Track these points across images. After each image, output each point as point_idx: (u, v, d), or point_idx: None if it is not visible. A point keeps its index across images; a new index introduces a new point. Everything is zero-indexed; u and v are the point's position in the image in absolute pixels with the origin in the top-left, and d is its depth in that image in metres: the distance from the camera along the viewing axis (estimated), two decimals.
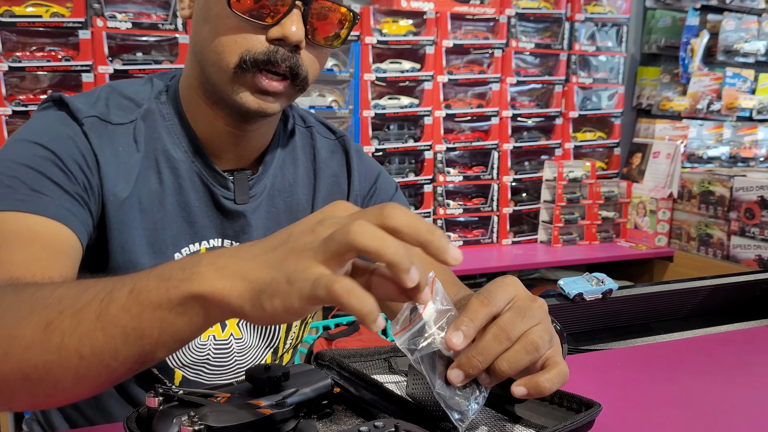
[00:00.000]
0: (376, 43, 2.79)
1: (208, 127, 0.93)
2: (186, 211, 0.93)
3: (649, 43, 3.43)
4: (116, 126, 0.90)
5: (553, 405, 0.77)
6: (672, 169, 3.08)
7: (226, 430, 0.60)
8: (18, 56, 2.33)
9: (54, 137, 0.85)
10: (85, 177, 0.85)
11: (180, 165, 0.93)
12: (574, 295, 1.08)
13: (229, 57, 0.83)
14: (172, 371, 0.96)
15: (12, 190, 0.79)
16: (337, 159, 1.07)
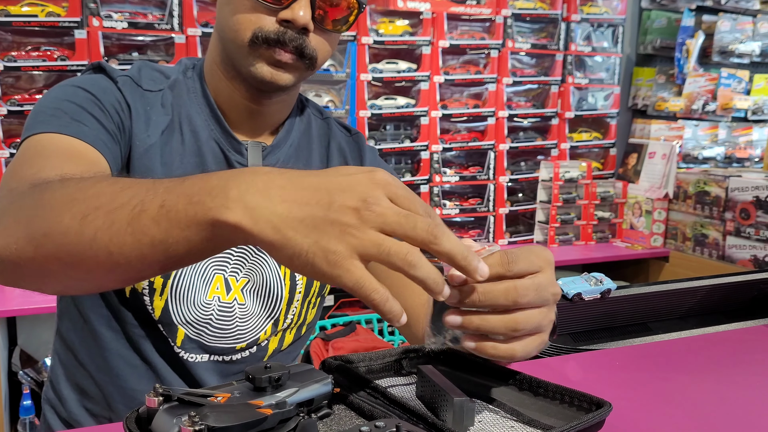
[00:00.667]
0: (372, 43, 2.79)
1: (227, 100, 1.01)
2: (202, 171, 0.96)
3: (645, 44, 3.44)
4: (146, 91, 0.99)
5: (563, 404, 0.77)
6: (668, 170, 3.09)
7: (227, 430, 0.60)
8: (13, 56, 2.33)
9: (93, 84, 0.94)
10: (120, 119, 0.94)
11: (200, 130, 1.00)
12: (573, 295, 1.08)
13: (244, 33, 0.92)
14: (175, 328, 0.99)
15: (56, 118, 0.87)
16: (351, 152, 1.13)
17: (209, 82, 1.02)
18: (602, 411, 0.73)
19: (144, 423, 0.64)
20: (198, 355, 1.02)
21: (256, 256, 1.03)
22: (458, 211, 3.04)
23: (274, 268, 1.05)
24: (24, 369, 2.36)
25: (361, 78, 2.78)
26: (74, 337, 1.03)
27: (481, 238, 3.10)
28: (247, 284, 1.03)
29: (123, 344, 1.00)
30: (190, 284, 0.99)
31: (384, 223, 0.57)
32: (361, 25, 2.77)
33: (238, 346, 1.03)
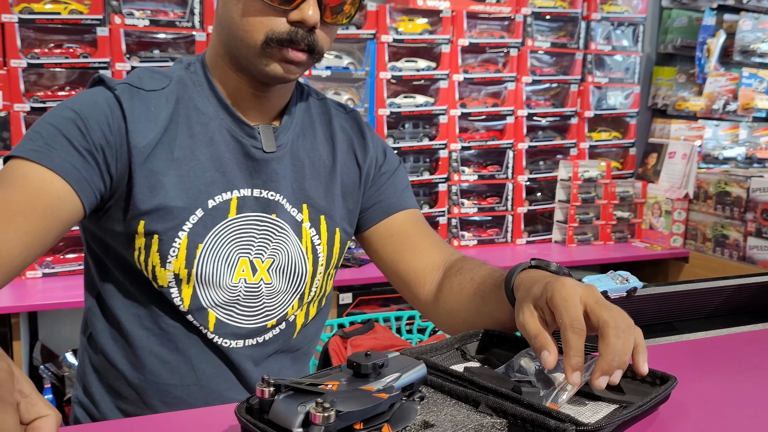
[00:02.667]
0: (391, 41, 2.79)
1: (234, 89, 1.04)
2: (218, 162, 1.01)
3: (665, 43, 3.42)
4: (149, 92, 1.00)
5: (625, 378, 0.84)
6: (688, 170, 3.06)
7: (354, 414, 0.65)
8: (36, 53, 2.35)
9: (84, 102, 0.96)
10: (104, 138, 0.94)
11: (210, 120, 1.02)
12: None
13: (256, 35, 0.95)
14: (206, 312, 1.02)
15: (31, 141, 0.92)
16: (351, 127, 1.17)
17: (214, 74, 1.04)
18: (669, 384, 0.81)
19: (257, 413, 0.68)
20: (232, 341, 1.04)
21: (279, 236, 1.05)
22: (476, 210, 3.04)
23: (297, 245, 1.07)
24: (45, 364, 2.38)
25: (380, 76, 2.78)
26: (106, 341, 1.05)
27: (499, 237, 3.09)
28: (272, 264, 1.05)
29: (155, 341, 1.02)
30: (214, 269, 1.01)
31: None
32: (381, 24, 2.77)
33: (269, 324, 1.06)
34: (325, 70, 2.71)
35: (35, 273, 2.39)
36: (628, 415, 0.74)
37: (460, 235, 3.02)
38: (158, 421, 0.81)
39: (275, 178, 1.05)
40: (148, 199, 0.96)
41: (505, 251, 3.03)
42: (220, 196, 1.01)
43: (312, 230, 1.08)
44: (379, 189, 1.17)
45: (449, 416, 0.73)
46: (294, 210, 1.07)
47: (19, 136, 2.32)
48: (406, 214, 1.17)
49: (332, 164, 1.12)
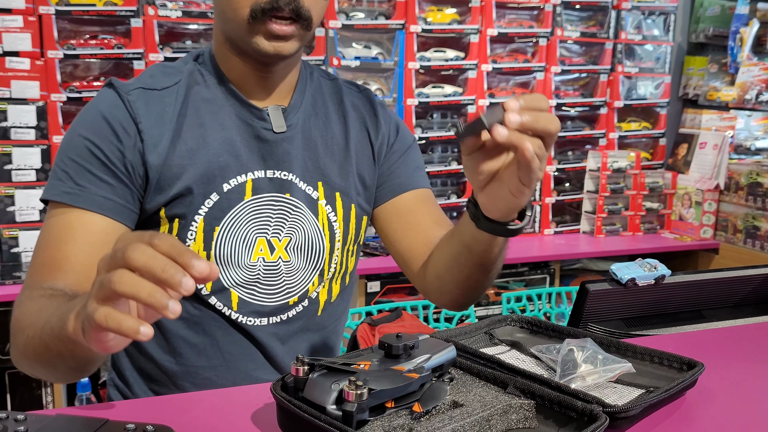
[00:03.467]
0: (420, 31, 2.80)
1: (239, 73, 1.06)
2: (230, 146, 1.05)
3: (697, 32, 3.38)
4: (163, 90, 1.04)
5: (654, 364, 0.86)
6: (719, 160, 3.03)
7: (385, 392, 0.68)
8: (72, 44, 2.40)
9: (92, 122, 1.01)
10: (121, 154, 1.00)
11: (219, 107, 1.06)
12: (627, 281, 1.08)
13: (242, 11, 0.97)
14: (228, 292, 1.05)
15: (62, 183, 0.99)
16: (363, 105, 1.18)
17: (220, 62, 1.07)
18: (696, 370, 0.81)
19: (291, 390, 0.72)
20: (256, 319, 1.07)
21: (294, 214, 1.08)
22: None
23: (314, 222, 1.09)
24: None
25: (408, 66, 2.79)
26: None
27: (527, 227, 3.09)
28: (290, 242, 1.08)
29: (182, 325, 1.05)
30: (232, 249, 1.04)
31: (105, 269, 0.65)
32: (410, 14, 2.78)
33: (291, 301, 1.09)
34: (354, 60, 2.73)
35: None
36: (654, 398, 0.75)
37: None
38: (197, 399, 0.84)
39: (287, 158, 1.07)
40: (166, 191, 1.01)
41: (533, 241, 3.03)
42: (234, 180, 1.04)
43: (328, 207, 1.10)
44: (390, 167, 1.18)
45: (478, 396, 0.75)
46: (309, 188, 1.09)
47: (56, 125, 2.38)
48: (415, 193, 1.18)
49: (345, 142, 1.13)
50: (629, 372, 0.83)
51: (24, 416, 0.68)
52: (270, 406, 0.77)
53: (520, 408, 0.73)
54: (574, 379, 0.80)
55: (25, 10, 2.32)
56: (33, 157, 2.37)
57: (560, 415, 0.72)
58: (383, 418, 0.69)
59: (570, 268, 3.11)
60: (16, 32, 2.31)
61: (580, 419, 0.70)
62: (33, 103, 2.35)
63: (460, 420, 0.69)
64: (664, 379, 0.83)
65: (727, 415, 0.81)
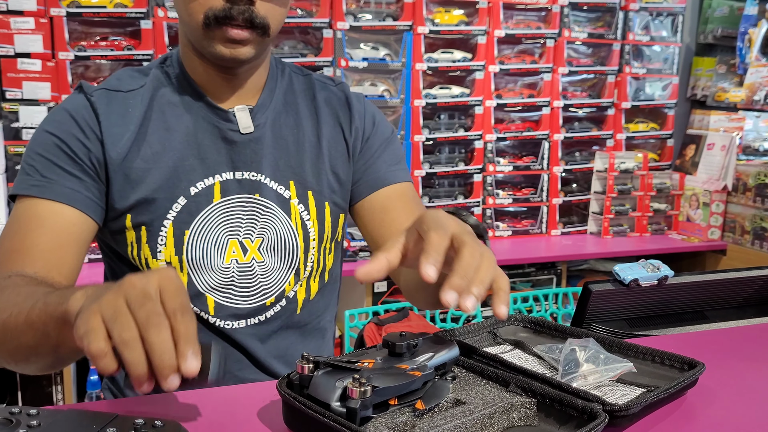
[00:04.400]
0: (428, 32, 2.81)
1: (204, 75, 1.07)
2: (197, 150, 1.05)
3: (705, 33, 3.37)
4: (127, 93, 1.06)
5: (655, 364, 0.87)
6: (727, 161, 3.03)
7: (389, 390, 0.69)
8: (83, 45, 2.42)
9: (59, 120, 1.03)
10: (87, 150, 1.02)
11: (185, 110, 1.06)
12: (630, 281, 1.09)
13: (197, 17, 0.98)
14: (204, 297, 1.05)
15: (29, 177, 1.00)
16: (337, 100, 1.17)
17: (186, 65, 1.08)
18: (697, 370, 0.83)
19: (297, 387, 0.73)
20: (234, 322, 1.07)
21: (265, 214, 1.08)
22: (511, 201, 3.05)
23: (286, 221, 1.09)
24: None
25: (416, 67, 2.81)
26: None
27: (534, 228, 3.10)
28: (262, 243, 1.08)
29: None
30: (204, 253, 1.05)
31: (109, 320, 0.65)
32: (417, 15, 2.79)
33: (267, 302, 1.09)
34: (362, 61, 2.75)
35: None
36: (654, 397, 0.76)
37: (495, 225, 3.04)
38: (205, 395, 0.85)
39: (255, 158, 1.07)
40: (130, 194, 1.02)
41: (540, 242, 3.04)
42: (201, 182, 1.05)
43: (300, 206, 1.10)
44: (366, 162, 1.16)
45: (480, 395, 0.77)
46: (281, 188, 1.09)
47: None
48: (393, 188, 1.16)
49: (317, 139, 1.13)
50: (630, 371, 0.84)
51: (36, 411, 0.70)
52: (275, 403, 0.79)
53: (521, 406, 0.75)
54: (576, 378, 0.81)
55: (36, 12, 2.35)
56: None
57: (561, 413, 0.73)
58: (386, 415, 0.71)
59: (577, 269, 3.12)
60: (27, 34, 2.34)
61: (581, 417, 0.71)
62: (44, 104, 2.38)
63: (462, 417, 0.71)
64: (664, 379, 0.83)
65: (727, 414, 0.82)
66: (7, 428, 0.66)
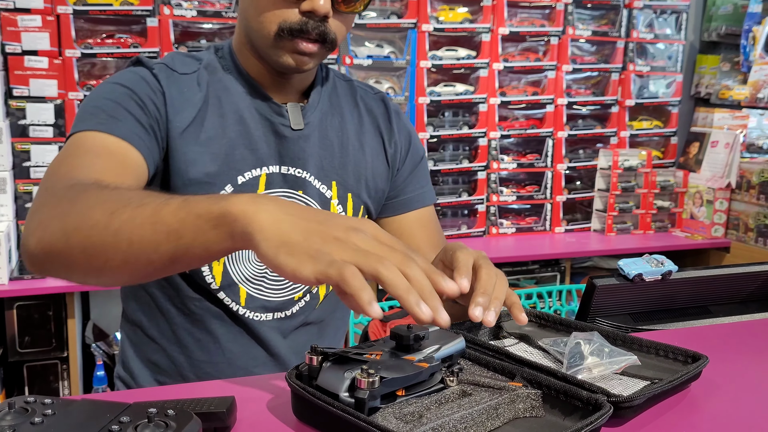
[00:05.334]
0: (432, 30, 2.82)
1: (258, 72, 1.08)
2: (248, 139, 1.06)
3: (709, 31, 3.38)
4: (181, 75, 1.05)
5: (659, 357, 0.89)
6: (730, 159, 3.04)
7: (396, 381, 0.70)
8: (90, 43, 2.44)
9: (131, 79, 1.02)
10: (156, 109, 1.00)
11: (240, 100, 1.07)
12: (634, 276, 1.10)
13: (270, 26, 0.98)
14: (237, 287, 1.07)
15: (94, 116, 0.96)
16: (377, 109, 1.19)
17: (239, 59, 1.08)
18: (700, 363, 0.84)
19: (306, 379, 0.74)
20: (262, 314, 1.09)
21: None
22: (515, 198, 3.06)
23: None
24: (96, 342, 2.48)
25: (420, 65, 2.82)
26: (142, 316, 1.11)
27: (538, 225, 3.11)
28: None
29: (186, 319, 1.08)
30: None
31: (373, 248, 0.66)
32: (422, 13, 2.80)
33: (296, 296, 1.11)
34: (367, 59, 2.76)
35: None
36: (658, 389, 0.77)
37: (499, 222, 3.05)
38: (216, 387, 0.86)
39: (303, 155, 1.08)
40: (184, 172, 1.02)
41: (544, 239, 3.04)
42: (249, 173, 1.05)
43: (339, 207, 1.12)
44: (403, 181, 1.20)
45: (486, 386, 0.78)
46: (323, 187, 1.11)
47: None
48: (420, 213, 1.21)
49: (360, 144, 1.15)
50: (635, 364, 0.85)
51: (51, 400, 0.71)
52: (285, 394, 0.80)
53: (526, 397, 0.76)
54: (581, 371, 0.82)
55: (43, 10, 2.36)
56: (51, 155, 2.41)
57: (566, 405, 0.74)
58: (394, 406, 0.72)
59: (581, 266, 3.12)
60: (34, 32, 2.35)
61: (585, 408, 0.72)
62: (51, 101, 2.40)
63: (469, 408, 0.72)
64: (668, 372, 0.84)
65: (730, 407, 0.83)
66: (23, 416, 0.67)
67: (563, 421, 0.73)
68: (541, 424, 0.73)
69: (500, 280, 0.83)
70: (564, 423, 0.73)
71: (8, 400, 0.68)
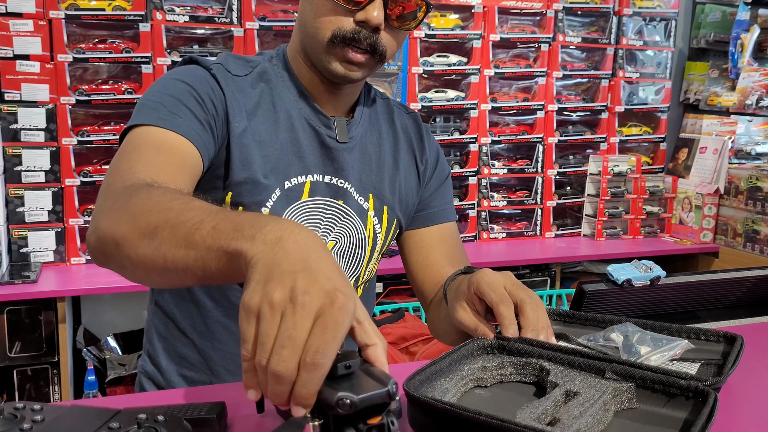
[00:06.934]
0: (423, 36, 2.83)
1: (310, 82, 1.11)
2: (296, 147, 1.09)
3: (698, 38, 3.40)
4: (235, 77, 1.08)
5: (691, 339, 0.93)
6: (719, 165, 3.06)
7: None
8: (82, 48, 2.44)
9: (191, 76, 1.04)
10: (215, 108, 1.02)
11: (291, 108, 1.10)
12: (623, 281, 1.11)
13: (324, 32, 1.02)
14: None
15: (155, 111, 0.97)
16: (411, 127, 1.24)
17: (294, 67, 1.12)
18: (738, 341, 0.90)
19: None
20: None
21: (344, 221, 1.12)
22: (506, 203, 3.07)
23: (361, 231, 1.14)
24: (87, 347, 2.47)
25: (412, 71, 2.83)
26: (175, 309, 1.12)
27: (528, 230, 3.12)
28: (335, 246, 1.12)
29: (222, 312, 1.09)
30: None
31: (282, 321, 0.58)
32: None
33: None
34: None
35: (79, 259, 2.49)
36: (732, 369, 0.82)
37: (490, 227, 3.06)
38: (223, 391, 0.87)
39: (345, 167, 1.12)
40: (240, 171, 1.04)
41: (534, 244, 3.06)
42: (295, 179, 1.08)
43: (375, 219, 1.16)
44: (429, 196, 1.24)
45: (585, 384, 0.78)
46: (361, 199, 1.14)
47: (65, 127, 2.42)
48: (442, 228, 1.24)
49: (395, 160, 1.19)
50: (688, 348, 0.88)
51: (40, 407, 0.71)
52: None
53: (624, 391, 0.77)
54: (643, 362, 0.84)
55: (35, 15, 2.36)
56: (42, 159, 2.41)
57: (662, 393, 0.76)
58: (524, 410, 0.71)
59: (571, 271, 3.14)
60: (26, 36, 2.35)
61: (684, 395, 0.75)
62: (43, 105, 2.39)
63: (589, 407, 0.73)
64: (710, 353, 0.89)
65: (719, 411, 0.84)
66: (12, 423, 0.67)
67: (662, 409, 0.75)
68: (643, 415, 0.75)
69: (540, 310, 0.91)
70: (663, 411, 0.75)
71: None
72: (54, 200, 2.44)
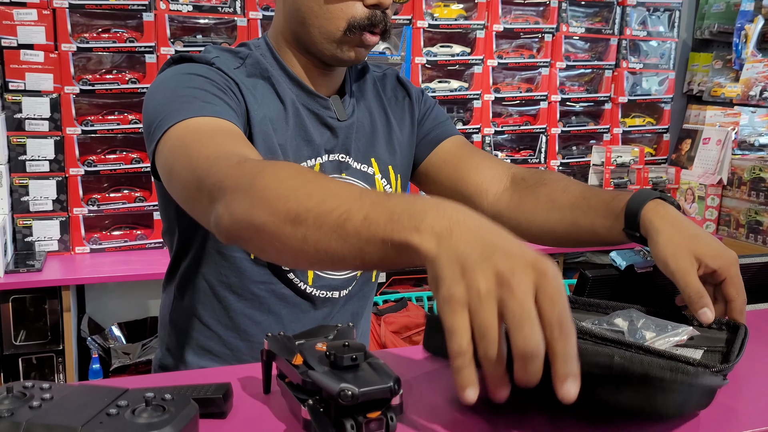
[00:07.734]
0: (427, 26, 2.83)
1: (302, 68, 1.10)
2: (303, 131, 1.09)
3: (702, 29, 3.40)
4: (235, 69, 1.05)
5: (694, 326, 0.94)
6: (722, 156, 3.06)
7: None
8: (85, 37, 2.44)
9: (200, 70, 1.00)
10: (236, 98, 1.01)
11: (291, 95, 1.09)
12: (625, 267, 1.12)
13: (338, 23, 1.00)
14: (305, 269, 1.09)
15: (188, 104, 0.92)
16: (390, 82, 1.23)
17: (281, 56, 1.10)
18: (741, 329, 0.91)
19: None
20: (328, 293, 1.12)
21: None
22: None
23: None
24: (92, 336, 2.49)
25: (415, 61, 2.83)
26: (198, 305, 1.12)
27: None
28: None
29: (246, 304, 1.09)
30: None
31: (505, 307, 0.57)
32: (417, 9, 2.81)
33: (358, 273, 1.15)
34: None
35: (84, 249, 2.50)
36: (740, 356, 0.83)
37: None
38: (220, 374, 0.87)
39: (347, 142, 1.13)
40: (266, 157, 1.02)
41: None
42: (305, 163, 1.09)
43: (383, 180, 1.17)
44: (424, 126, 1.24)
45: None
46: (364, 166, 1.15)
47: (69, 117, 2.43)
48: (452, 140, 1.24)
49: (386, 120, 1.20)
50: (693, 334, 0.89)
51: (49, 385, 0.72)
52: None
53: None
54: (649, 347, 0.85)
55: (39, 4, 2.36)
56: (47, 148, 2.42)
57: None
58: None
59: (574, 261, 3.14)
60: (30, 25, 2.36)
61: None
62: (47, 95, 2.40)
63: None
64: (711, 340, 0.90)
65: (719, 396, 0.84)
66: (21, 401, 0.68)
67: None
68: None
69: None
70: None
71: (6, 384, 0.69)
72: (58, 189, 2.45)
